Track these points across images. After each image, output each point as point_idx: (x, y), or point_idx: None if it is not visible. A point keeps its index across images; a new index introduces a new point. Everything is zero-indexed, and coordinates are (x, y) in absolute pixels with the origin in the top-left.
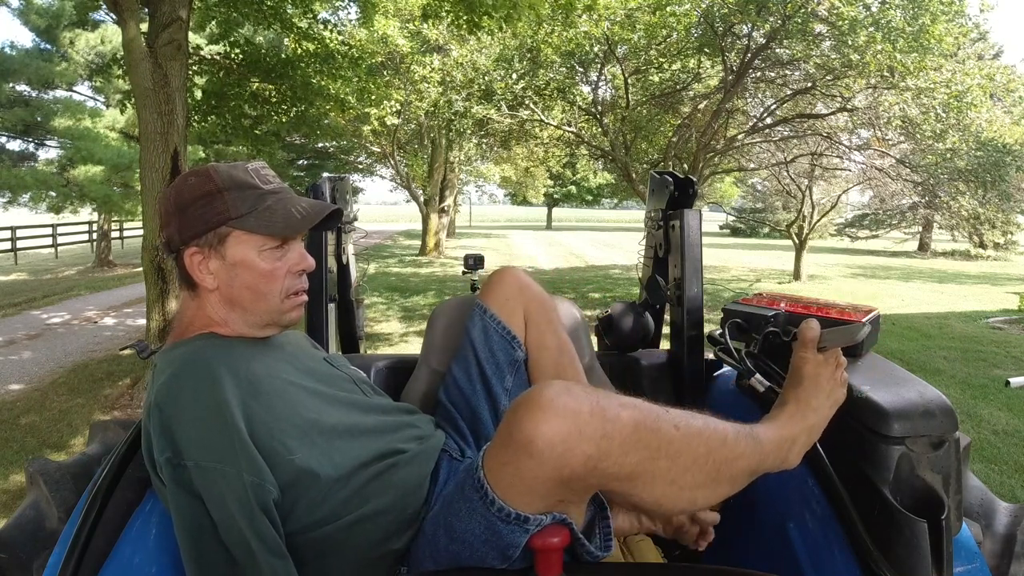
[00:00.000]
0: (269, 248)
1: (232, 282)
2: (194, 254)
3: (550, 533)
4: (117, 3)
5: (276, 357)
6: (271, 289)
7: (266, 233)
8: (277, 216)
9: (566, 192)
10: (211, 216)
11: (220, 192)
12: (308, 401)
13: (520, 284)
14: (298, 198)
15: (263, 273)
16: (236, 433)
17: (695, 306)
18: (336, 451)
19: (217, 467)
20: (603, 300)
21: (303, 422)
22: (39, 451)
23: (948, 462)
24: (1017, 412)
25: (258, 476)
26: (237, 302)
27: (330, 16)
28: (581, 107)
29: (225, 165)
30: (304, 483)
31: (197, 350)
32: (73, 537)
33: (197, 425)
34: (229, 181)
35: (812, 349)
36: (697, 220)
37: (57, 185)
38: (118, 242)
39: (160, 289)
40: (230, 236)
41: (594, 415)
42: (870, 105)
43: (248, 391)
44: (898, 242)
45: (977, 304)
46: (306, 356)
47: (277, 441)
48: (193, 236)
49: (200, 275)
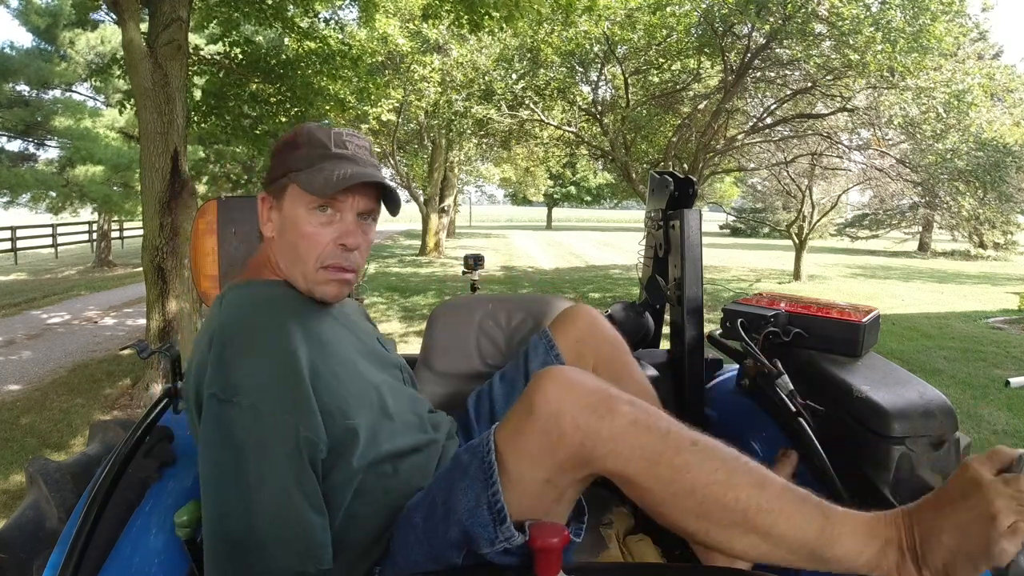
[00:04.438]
0: (315, 208)
1: (282, 235)
2: (264, 199)
3: (550, 533)
4: (117, 3)
5: (338, 324)
6: (308, 252)
7: (307, 190)
8: (321, 176)
9: (566, 192)
10: (280, 166)
11: (296, 147)
12: (369, 374)
13: (593, 325)
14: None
15: (304, 234)
16: (301, 385)
17: (695, 306)
18: (382, 433)
19: (275, 415)
20: (603, 300)
21: (361, 394)
22: (39, 451)
23: (948, 462)
24: (1017, 412)
25: (314, 433)
26: (283, 256)
27: (331, 16)
28: (581, 107)
29: (315, 124)
30: (348, 450)
31: (274, 296)
32: (73, 537)
33: (262, 369)
34: (306, 137)
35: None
36: (697, 220)
37: (57, 185)
38: (118, 242)
39: (160, 289)
40: (289, 188)
41: (594, 393)
42: (870, 105)
43: (317, 350)
44: (898, 242)
45: (977, 304)
46: (363, 332)
47: (336, 405)
48: (268, 181)
49: (265, 222)
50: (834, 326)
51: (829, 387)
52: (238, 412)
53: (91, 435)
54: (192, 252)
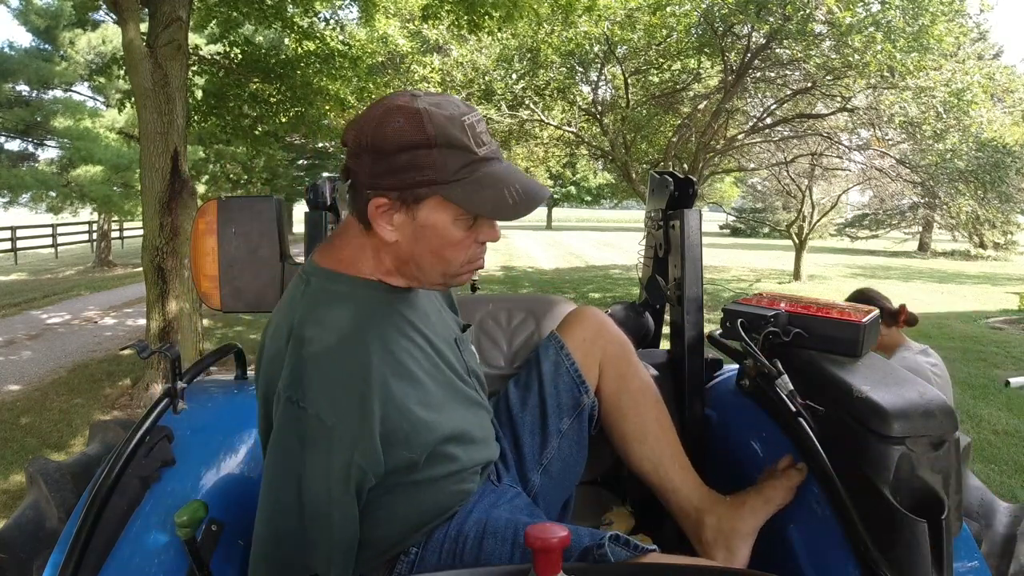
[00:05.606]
0: (465, 217)
1: (416, 243)
2: (381, 204)
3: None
4: (117, 3)
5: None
6: (455, 257)
7: (471, 211)
8: (487, 196)
9: (566, 192)
10: (414, 174)
11: (431, 148)
12: (438, 398)
13: (599, 326)
14: (513, 174)
15: (452, 242)
16: (368, 410)
17: (695, 306)
18: (443, 455)
19: (336, 431)
20: (603, 300)
21: (428, 422)
22: (39, 451)
23: (948, 462)
24: (1017, 412)
25: (367, 462)
26: (413, 261)
27: (330, 16)
28: (581, 107)
29: (440, 112)
30: (402, 472)
31: (360, 300)
32: (73, 537)
33: (334, 381)
34: (443, 137)
35: None
36: (697, 220)
37: (57, 185)
38: (118, 242)
39: (160, 289)
40: (429, 199)
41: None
42: (870, 105)
43: (393, 370)
44: (898, 242)
45: (977, 304)
46: (444, 332)
47: (400, 431)
48: (386, 187)
49: (380, 225)
50: (834, 326)
51: (829, 387)
52: (304, 417)
53: (91, 435)
54: (192, 252)
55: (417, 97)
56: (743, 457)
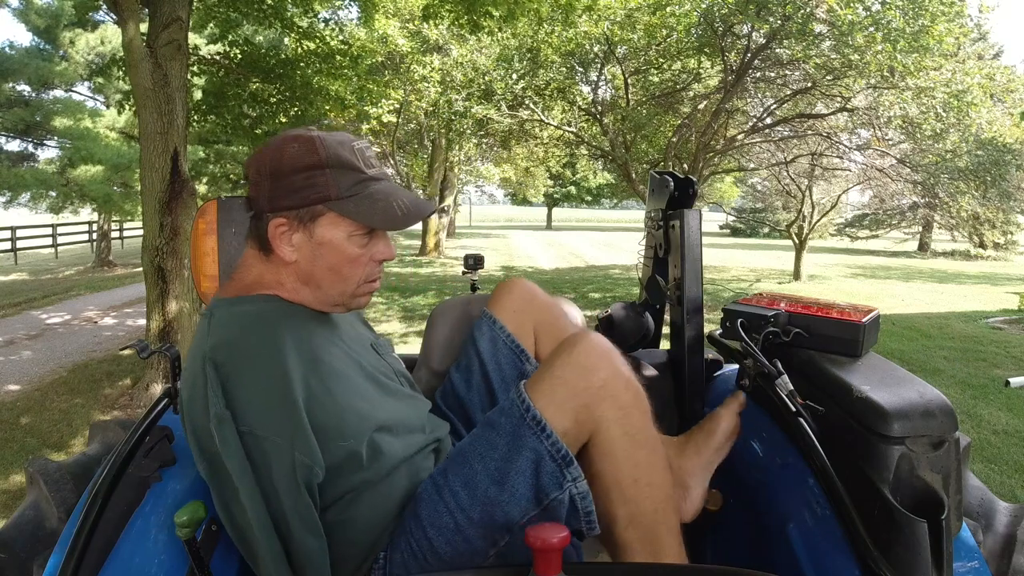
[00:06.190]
0: (359, 234)
1: (314, 260)
2: (280, 224)
3: (550, 532)
4: (117, 3)
5: (334, 336)
6: (352, 274)
7: (363, 222)
8: (377, 208)
9: (566, 192)
10: (309, 192)
11: (323, 168)
12: (363, 390)
13: (529, 294)
14: (400, 190)
15: (349, 258)
16: (294, 409)
17: (695, 306)
18: (383, 445)
19: (270, 438)
20: (603, 300)
21: (358, 410)
22: (39, 451)
23: (948, 462)
24: (1017, 412)
25: (309, 457)
26: (313, 279)
27: (330, 16)
28: (581, 107)
29: (331, 138)
30: (347, 468)
31: (264, 312)
32: (73, 537)
33: (257, 392)
34: (334, 159)
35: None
36: (697, 220)
37: (57, 185)
38: (118, 242)
39: (160, 289)
40: (324, 216)
41: (623, 364)
42: (870, 105)
43: (310, 368)
44: (898, 242)
45: (977, 304)
46: (359, 339)
47: (332, 423)
48: (285, 207)
49: (280, 245)
50: (834, 326)
51: (829, 387)
52: (240, 437)
53: (91, 435)
54: (192, 252)
55: (311, 129)
56: (743, 457)
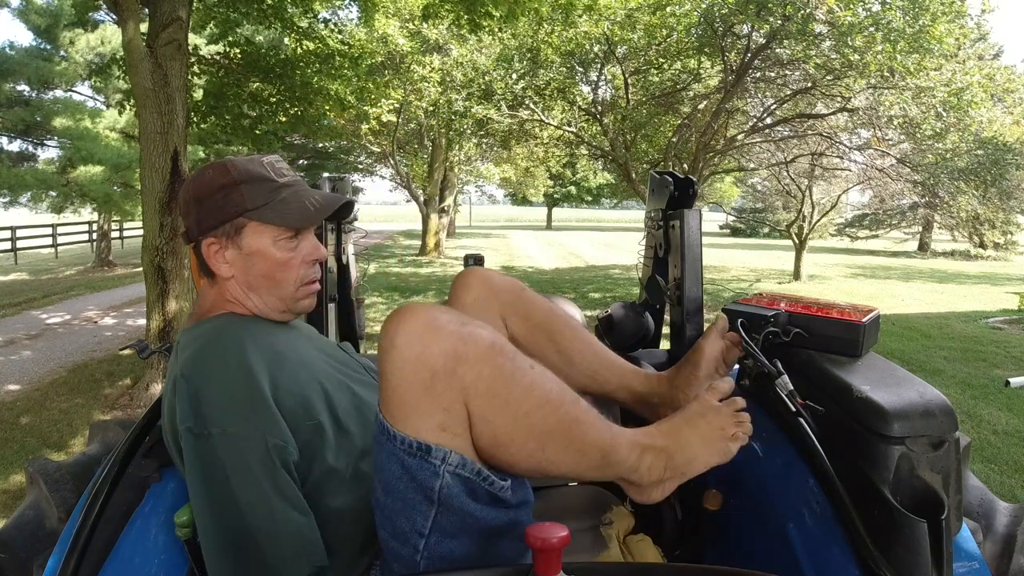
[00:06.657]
0: (284, 238)
1: (249, 271)
2: (211, 244)
3: (550, 532)
4: (117, 3)
5: (294, 336)
6: (286, 277)
7: (281, 224)
8: (292, 208)
9: (566, 192)
10: (228, 208)
11: (236, 185)
12: (329, 375)
13: (486, 281)
14: (311, 190)
15: (278, 262)
16: (260, 396)
17: (695, 306)
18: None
19: (241, 431)
20: (603, 300)
21: (324, 389)
22: (39, 451)
23: (948, 462)
24: (1017, 412)
25: (281, 439)
26: (253, 289)
27: (330, 16)
28: (581, 107)
29: (242, 159)
30: (320, 446)
31: (221, 325)
32: (73, 537)
33: (223, 390)
34: (245, 174)
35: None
36: (697, 220)
37: (57, 185)
38: (118, 242)
39: (160, 289)
40: (246, 227)
41: (452, 320)
42: (870, 105)
43: (273, 361)
44: (898, 242)
45: (977, 304)
46: (321, 340)
47: (299, 405)
48: (211, 227)
49: (216, 264)
50: (834, 326)
51: (829, 387)
52: (213, 442)
53: (91, 435)
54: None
55: (224, 158)
56: (743, 457)
